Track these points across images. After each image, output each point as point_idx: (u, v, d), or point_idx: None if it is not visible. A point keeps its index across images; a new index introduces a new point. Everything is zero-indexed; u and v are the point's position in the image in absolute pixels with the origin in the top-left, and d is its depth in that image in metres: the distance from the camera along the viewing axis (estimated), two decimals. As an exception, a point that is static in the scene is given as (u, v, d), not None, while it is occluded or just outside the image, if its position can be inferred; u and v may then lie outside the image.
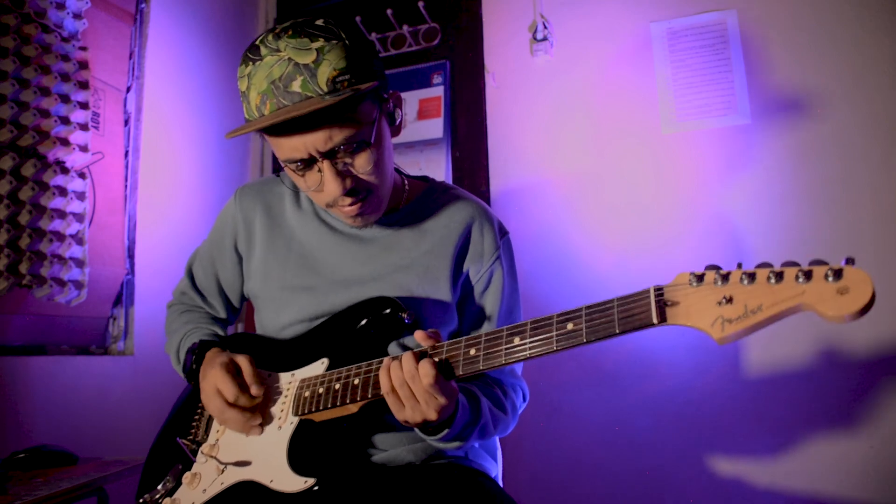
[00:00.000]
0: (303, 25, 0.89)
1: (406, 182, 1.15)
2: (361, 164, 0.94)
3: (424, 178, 1.20)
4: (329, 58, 0.87)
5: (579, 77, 2.30)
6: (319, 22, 0.90)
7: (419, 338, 0.88)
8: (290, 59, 0.86)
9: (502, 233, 1.15)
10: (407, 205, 1.12)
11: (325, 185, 0.94)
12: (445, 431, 0.90)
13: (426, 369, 0.82)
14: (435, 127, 2.45)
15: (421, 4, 2.47)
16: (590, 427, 2.11)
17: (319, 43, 0.87)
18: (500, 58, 2.43)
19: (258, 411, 0.99)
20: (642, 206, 2.15)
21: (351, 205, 0.97)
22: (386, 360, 0.88)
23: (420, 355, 0.86)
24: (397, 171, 1.15)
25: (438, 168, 2.42)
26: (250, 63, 0.90)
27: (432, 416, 0.84)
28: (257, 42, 0.91)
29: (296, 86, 0.86)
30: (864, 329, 1.86)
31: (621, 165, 2.20)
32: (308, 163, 0.93)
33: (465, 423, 0.93)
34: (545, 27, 2.30)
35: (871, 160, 1.92)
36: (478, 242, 1.10)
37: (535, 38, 2.32)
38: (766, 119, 2.04)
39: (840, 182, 1.94)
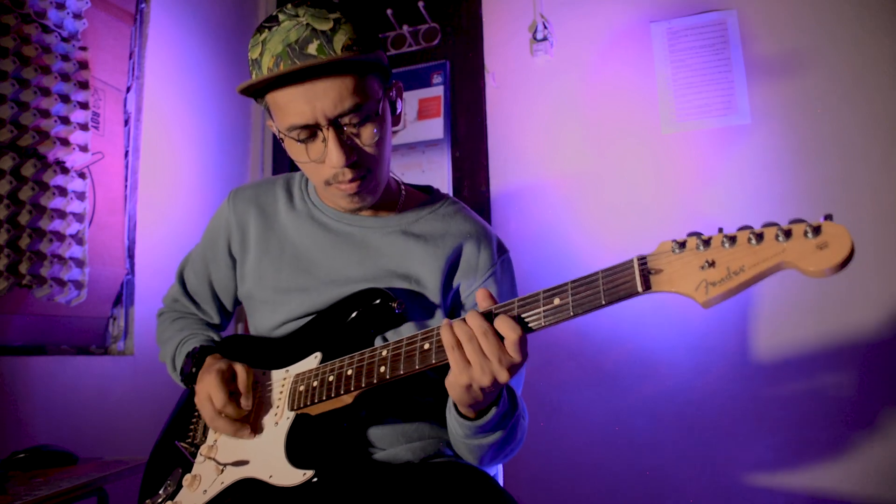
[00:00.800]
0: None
1: (403, 188, 1.15)
2: (367, 136, 0.95)
3: (427, 189, 1.19)
4: (345, 28, 0.90)
5: (579, 77, 2.30)
6: (336, 0, 0.94)
7: (479, 297, 0.84)
8: (308, 24, 0.89)
9: (501, 251, 1.12)
10: (404, 211, 1.12)
11: (328, 155, 0.94)
12: (493, 411, 0.87)
13: (509, 324, 0.77)
14: (435, 127, 2.45)
15: (421, 4, 2.47)
16: (590, 427, 2.11)
17: (337, 14, 0.91)
18: (500, 58, 2.43)
19: (248, 421, 0.99)
20: (642, 206, 2.15)
21: (351, 181, 0.98)
22: (444, 320, 0.83)
23: (486, 315, 0.80)
24: (393, 177, 1.15)
25: (440, 169, 2.42)
26: (265, 30, 0.92)
27: (504, 376, 0.78)
28: (275, 13, 0.93)
29: (312, 48, 0.88)
30: (865, 328, 1.86)
31: (621, 165, 2.20)
32: (313, 131, 0.94)
33: (505, 410, 0.91)
34: (545, 27, 2.30)
35: (871, 160, 1.92)
36: (472, 258, 1.08)
37: (535, 38, 2.32)
38: (766, 119, 2.04)
39: (840, 182, 1.94)
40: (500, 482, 1.18)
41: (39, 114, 1.66)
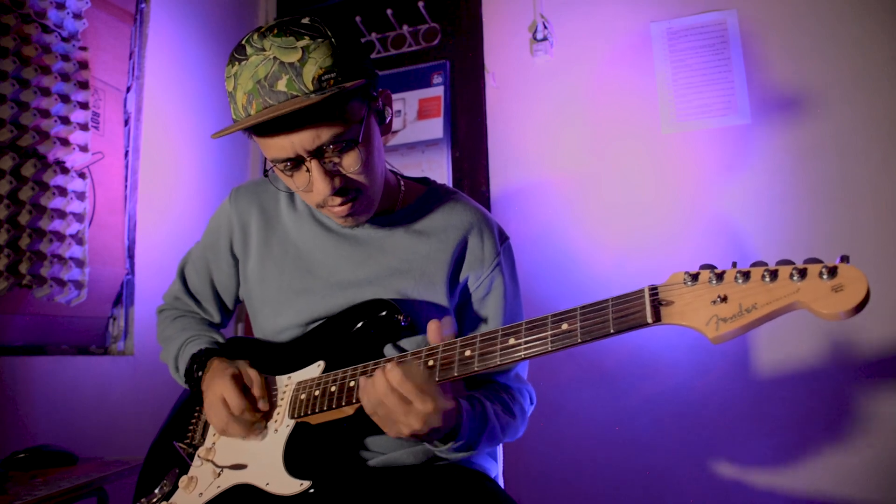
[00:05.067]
0: (288, 24, 0.88)
1: (402, 183, 1.13)
2: (350, 164, 0.92)
3: (425, 181, 1.19)
4: (315, 56, 0.85)
5: (579, 77, 2.29)
6: (305, 20, 0.89)
7: (431, 329, 0.87)
8: (275, 58, 0.85)
9: (503, 239, 1.13)
10: (404, 207, 1.11)
11: (313, 184, 0.93)
12: (452, 443, 0.88)
13: (397, 377, 0.81)
14: (435, 127, 2.45)
15: (421, 4, 2.47)
16: (590, 427, 2.11)
17: (305, 41, 0.86)
18: (500, 58, 2.43)
19: (260, 424, 0.98)
20: (642, 206, 2.15)
21: (341, 204, 0.96)
22: (362, 380, 0.86)
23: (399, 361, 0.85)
24: (393, 172, 1.14)
25: (439, 169, 2.42)
26: (236, 63, 0.88)
27: (417, 425, 0.81)
28: (243, 42, 0.89)
29: (281, 85, 0.85)
30: (865, 330, 1.86)
31: (621, 165, 2.19)
32: (296, 163, 0.92)
33: (472, 429, 0.91)
34: (545, 27, 2.30)
35: (871, 160, 1.92)
36: (477, 249, 1.09)
37: (535, 38, 2.32)
38: (765, 119, 2.04)
39: (840, 182, 1.94)
40: (501, 483, 1.18)
41: (39, 114, 1.66)
